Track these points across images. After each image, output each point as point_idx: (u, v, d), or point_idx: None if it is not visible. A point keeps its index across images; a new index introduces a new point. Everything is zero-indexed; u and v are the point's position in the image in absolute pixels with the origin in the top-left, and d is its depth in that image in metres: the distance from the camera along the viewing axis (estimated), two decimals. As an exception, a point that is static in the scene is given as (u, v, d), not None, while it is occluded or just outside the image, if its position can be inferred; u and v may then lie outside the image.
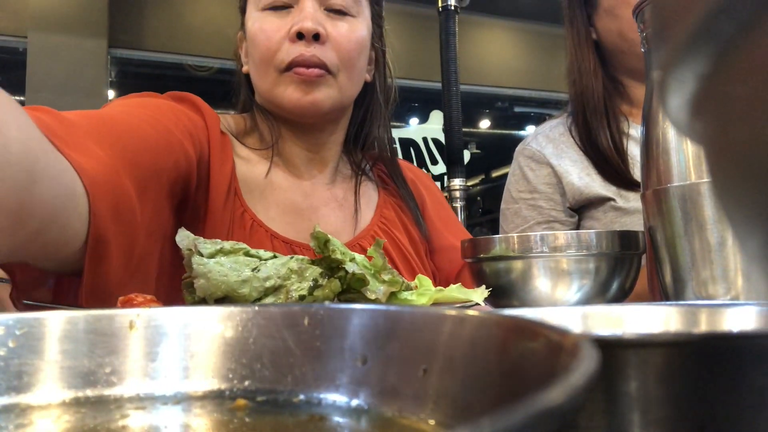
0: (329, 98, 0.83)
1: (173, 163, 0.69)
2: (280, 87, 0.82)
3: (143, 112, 0.70)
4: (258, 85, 0.87)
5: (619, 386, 0.22)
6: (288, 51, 0.80)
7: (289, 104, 0.83)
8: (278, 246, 0.81)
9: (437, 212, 1.00)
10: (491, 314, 0.24)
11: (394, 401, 0.25)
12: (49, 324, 0.28)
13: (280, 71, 0.82)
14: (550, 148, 1.17)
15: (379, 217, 0.92)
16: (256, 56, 0.84)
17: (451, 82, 1.70)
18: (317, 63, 0.80)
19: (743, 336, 0.23)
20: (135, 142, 0.63)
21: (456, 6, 1.70)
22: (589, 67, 1.14)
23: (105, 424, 0.25)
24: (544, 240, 0.60)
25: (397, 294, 0.56)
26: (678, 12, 0.10)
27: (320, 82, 0.82)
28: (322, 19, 0.82)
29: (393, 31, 1.01)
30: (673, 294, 0.58)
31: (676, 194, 0.56)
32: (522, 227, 1.17)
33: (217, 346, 0.29)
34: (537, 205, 1.16)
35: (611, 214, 1.09)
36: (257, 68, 0.85)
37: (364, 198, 0.94)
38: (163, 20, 4.48)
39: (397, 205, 0.96)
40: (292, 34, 0.80)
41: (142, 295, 0.57)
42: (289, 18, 0.82)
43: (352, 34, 0.84)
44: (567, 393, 0.10)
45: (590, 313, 0.38)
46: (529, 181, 1.18)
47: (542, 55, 5.60)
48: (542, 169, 1.17)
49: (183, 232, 0.58)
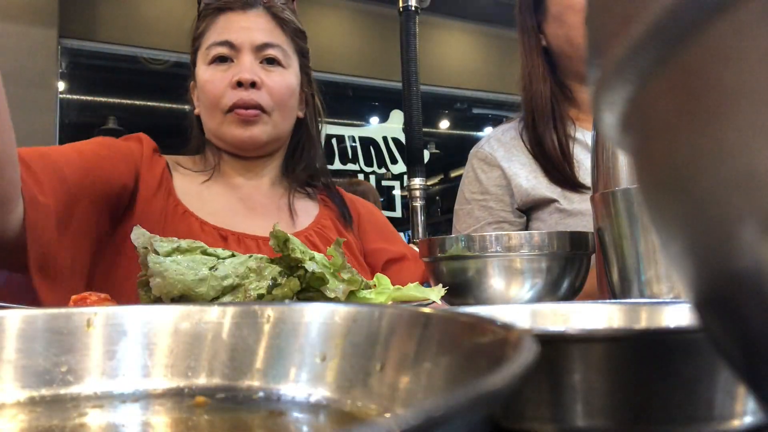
0: (265, 133, 1.00)
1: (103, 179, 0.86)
2: (224, 125, 0.99)
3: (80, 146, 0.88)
4: (207, 124, 1.03)
5: (563, 378, 0.24)
6: (230, 96, 0.97)
7: (232, 139, 0.99)
8: (208, 231, 0.93)
9: (369, 221, 1.15)
10: (445, 312, 0.25)
11: (352, 396, 0.26)
12: (4, 323, 0.28)
13: (224, 113, 0.98)
14: (501, 151, 1.21)
15: (317, 224, 1.05)
16: (205, 101, 1.01)
17: (412, 83, 1.72)
18: (254, 105, 0.98)
19: (674, 332, 0.24)
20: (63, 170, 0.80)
21: (416, 7, 1.71)
22: (538, 72, 1.18)
23: (62, 422, 0.25)
24: (499, 240, 0.62)
25: (356, 293, 0.57)
26: (607, 37, 0.11)
27: (257, 121, 0.99)
28: (257, 70, 0.99)
29: (354, 30, 1.10)
30: (620, 292, 0.60)
31: (622, 197, 0.58)
32: (474, 227, 1.20)
33: (176, 344, 0.30)
34: (488, 206, 1.20)
35: (556, 215, 1.13)
36: (207, 111, 1.02)
37: (302, 209, 1.07)
38: (118, 11, 4.35)
39: (335, 217, 1.10)
40: (233, 83, 0.97)
41: (95, 294, 0.56)
42: (231, 70, 0.99)
43: (283, 81, 1.01)
44: (505, 379, 0.11)
45: (540, 311, 0.39)
46: (481, 183, 1.21)
47: (501, 58, 5.70)
48: (493, 172, 1.20)
49: (138, 230, 0.57)
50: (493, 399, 0.10)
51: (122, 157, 0.93)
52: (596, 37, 0.12)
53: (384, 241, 1.12)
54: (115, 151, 0.92)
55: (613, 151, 0.60)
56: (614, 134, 0.13)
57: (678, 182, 0.11)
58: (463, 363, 0.21)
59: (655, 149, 0.12)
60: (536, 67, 1.18)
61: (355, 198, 1.21)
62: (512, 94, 1.32)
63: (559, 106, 1.17)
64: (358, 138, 5.61)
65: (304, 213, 1.06)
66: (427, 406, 0.09)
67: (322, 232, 1.03)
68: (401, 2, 1.70)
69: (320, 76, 1.25)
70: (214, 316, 0.30)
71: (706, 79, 0.10)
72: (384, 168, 5.68)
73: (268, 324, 0.30)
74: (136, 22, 4.32)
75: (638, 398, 0.24)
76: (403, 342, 0.25)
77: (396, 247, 1.11)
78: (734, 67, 0.09)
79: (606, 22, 0.12)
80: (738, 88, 0.09)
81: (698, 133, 0.10)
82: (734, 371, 0.15)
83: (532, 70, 1.19)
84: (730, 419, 0.24)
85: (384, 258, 1.08)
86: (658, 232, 0.13)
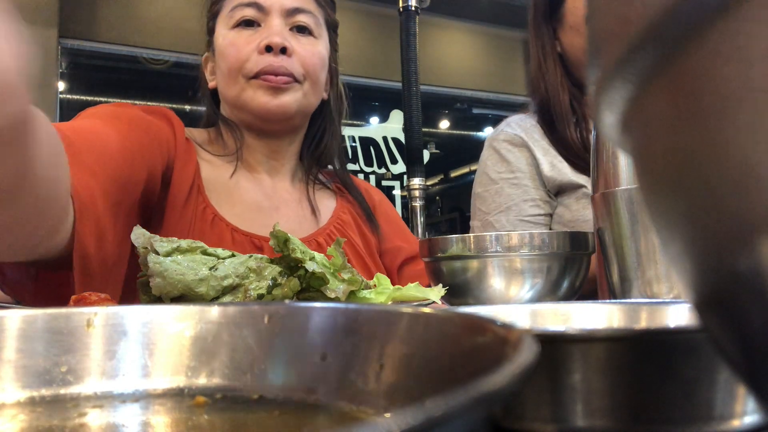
0: (296, 101, 0.90)
1: (144, 175, 0.75)
2: (248, 92, 0.88)
3: (119, 127, 0.75)
4: (226, 93, 0.92)
5: (563, 378, 0.24)
6: (257, 61, 0.87)
7: (257, 107, 0.88)
8: (238, 239, 0.85)
9: (385, 218, 1.08)
10: (445, 312, 0.25)
11: (352, 396, 0.26)
12: (5, 323, 0.28)
13: (248, 78, 0.87)
14: (524, 134, 1.18)
15: (336, 219, 0.98)
16: (224, 67, 0.90)
17: (412, 83, 1.72)
18: (285, 72, 0.87)
19: (674, 332, 0.24)
20: (113, 162, 0.69)
21: (417, 7, 1.71)
22: (556, 80, 1.17)
23: (62, 422, 0.25)
24: (499, 240, 0.62)
25: (356, 293, 0.57)
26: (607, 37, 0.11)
27: (287, 88, 0.88)
28: (288, 36, 0.89)
29: (354, 30, 1.07)
30: (620, 292, 0.60)
31: (623, 197, 0.58)
32: (506, 205, 1.15)
33: (177, 344, 0.30)
34: (521, 184, 1.15)
35: (584, 200, 1.11)
36: (225, 78, 0.90)
37: (321, 203, 1.00)
38: (118, 11, 4.35)
39: (353, 210, 1.03)
40: (261, 48, 0.87)
41: (96, 294, 0.56)
42: (258, 35, 0.89)
43: (315, 49, 0.92)
44: (505, 379, 0.11)
45: (540, 311, 0.39)
46: (509, 162, 1.17)
47: (501, 58, 5.70)
48: (521, 151, 1.17)
49: (138, 230, 0.57)
50: (493, 399, 0.10)
51: (158, 145, 0.81)
52: (596, 37, 0.12)
53: (400, 238, 1.06)
54: (152, 137, 0.80)
55: (614, 151, 0.60)
56: (614, 134, 0.13)
57: (678, 182, 0.12)
58: (464, 363, 0.21)
59: (655, 149, 0.12)
60: (553, 74, 1.17)
61: (368, 187, 1.14)
62: (512, 94, 1.32)
63: (580, 107, 1.16)
64: (358, 138, 5.61)
65: (323, 207, 1.00)
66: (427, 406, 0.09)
67: (341, 228, 0.97)
68: (401, 2, 1.70)
69: (320, 76, 1.23)
70: (214, 316, 0.30)
71: (705, 80, 0.10)
72: (384, 168, 5.67)
73: (268, 324, 0.30)
74: (136, 22, 4.32)
75: (638, 398, 0.24)
76: (403, 342, 0.25)
77: (411, 246, 1.05)
78: (733, 68, 0.09)
79: (606, 22, 0.12)
80: (737, 89, 0.10)
81: (698, 133, 0.10)
82: (734, 371, 0.15)
83: (548, 77, 1.17)
84: (730, 419, 0.24)
85: (401, 257, 1.02)
86: (659, 232, 0.13)
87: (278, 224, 0.57)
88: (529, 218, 1.15)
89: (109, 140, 0.70)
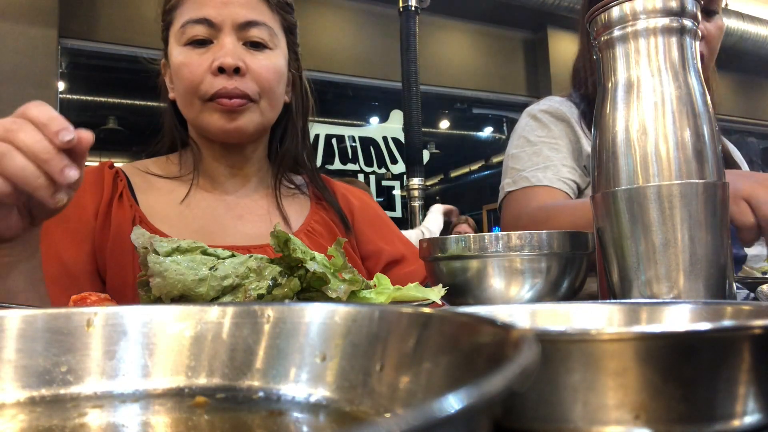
0: (252, 123, 0.89)
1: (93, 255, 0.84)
2: (205, 115, 0.88)
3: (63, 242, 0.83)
4: (185, 112, 0.92)
5: (563, 378, 0.24)
6: (211, 83, 0.85)
7: (215, 130, 0.88)
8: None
9: (367, 220, 1.05)
10: (445, 312, 0.25)
11: (352, 396, 0.26)
12: (4, 323, 0.28)
13: (203, 101, 0.87)
14: (566, 111, 1.16)
15: (306, 227, 0.96)
16: (180, 88, 0.89)
17: (412, 82, 1.72)
18: (239, 94, 0.86)
19: (674, 332, 0.24)
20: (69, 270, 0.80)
21: (416, 7, 1.72)
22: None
23: (62, 422, 0.25)
24: (499, 240, 0.62)
25: (357, 293, 0.57)
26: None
27: (243, 110, 0.87)
28: (241, 54, 0.87)
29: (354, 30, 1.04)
30: (620, 292, 0.60)
31: (623, 197, 0.58)
32: (544, 165, 1.12)
33: (177, 344, 0.30)
34: (560, 150, 1.12)
35: None
36: (182, 98, 0.90)
37: (292, 209, 0.98)
38: (118, 11, 4.34)
39: (328, 218, 1.01)
40: (214, 69, 0.85)
41: (95, 294, 0.56)
42: (210, 53, 0.87)
43: (270, 65, 0.89)
44: (505, 379, 0.11)
45: (540, 311, 0.39)
46: (550, 129, 1.14)
47: (501, 58, 5.70)
48: (562, 124, 1.14)
49: (138, 230, 0.57)
50: (493, 399, 0.10)
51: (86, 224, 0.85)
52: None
53: (383, 240, 1.03)
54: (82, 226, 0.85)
55: (614, 151, 0.60)
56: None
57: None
58: (463, 363, 0.21)
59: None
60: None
61: (347, 189, 1.11)
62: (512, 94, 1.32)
63: None
64: (358, 138, 5.62)
65: (294, 213, 0.98)
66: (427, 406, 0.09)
67: (311, 236, 0.95)
68: (401, 2, 1.70)
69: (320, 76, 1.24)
70: (214, 316, 0.30)
71: None
72: (384, 168, 5.68)
73: (268, 324, 0.30)
74: (136, 22, 4.32)
75: (638, 398, 0.24)
76: (403, 342, 0.25)
77: (393, 247, 1.02)
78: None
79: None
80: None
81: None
82: None
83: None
84: (730, 419, 0.24)
85: (384, 261, 1.00)
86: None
87: (279, 224, 0.57)
88: (567, 180, 1.11)
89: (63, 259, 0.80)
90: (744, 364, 0.24)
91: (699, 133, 0.56)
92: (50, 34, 3.94)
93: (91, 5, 4.32)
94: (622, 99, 0.59)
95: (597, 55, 0.65)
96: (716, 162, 0.56)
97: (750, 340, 0.24)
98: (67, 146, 0.54)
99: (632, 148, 0.58)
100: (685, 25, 0.57)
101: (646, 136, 0.57)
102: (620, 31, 0.59)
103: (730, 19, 5.57)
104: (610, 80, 0.60)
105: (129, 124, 5.79)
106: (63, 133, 0.54)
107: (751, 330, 0.24)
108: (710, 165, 0.56)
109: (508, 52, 5.72)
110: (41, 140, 0.54)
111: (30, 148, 0.53)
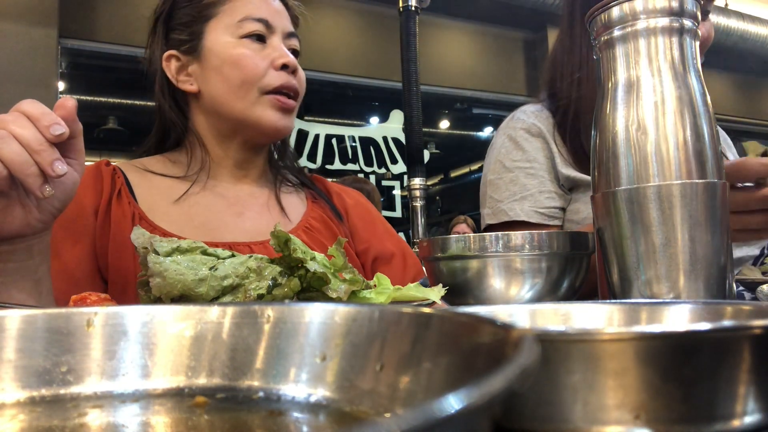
0: (293, 123, 0.96)
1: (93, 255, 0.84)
2: (258, 108, 0.90)
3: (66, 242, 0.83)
4: (229, 104, 0.91)
5: (563, 378, 0.24)
6: (274, 77, 0.90)
7: (266, 123, 0.91)
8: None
9: (360, 219, 1.07)
10: (445, 312, 0.25)
11: (352, 396, 0.26)
12: (4, 323, 0.28)
13: (261, 93, 0.90)
14: (541, 125, 1.16)
15: (305, 223, 0.98)
16: (236, 78, 0.90)
17: (412, 82, 1.72)
18: (296, 93, 0.93)
19: (674, 332, 0.24)
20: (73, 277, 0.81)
21: (416, 7, 1.71)
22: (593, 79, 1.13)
23: (62, 422, 0.25)
24: (499, 240, 0.62)
25: (357, 293, 0.57)
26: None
27: (293, 110, 0.94)
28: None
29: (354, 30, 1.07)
30: (620, 292, 0.60)
31: (623, 197, 0.58)
32: (521, 195, 1.13)
33: (176, 344, 0.30)
34: (537, 174, 1.13)
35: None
36: (235, 89, 0.90)
37: (290, 206, 1.00)
38: (118, 11, 4.34)
39: (325, 214, 1.03)
40: (277, 65, 0.90)
41: (96, 294, 0.56)
42: (265, 51, 0.91)
43: (303, 74, 0.97)
44: (505, 379, 0.11)
45: (540, 311, 0.39)
46: (525, 151, 1.14)
47: (501, 58, 5.70)
48: (538, 141, 1.14)
49: (138, 230, 0.57)
50: (493, 399, 0.10)
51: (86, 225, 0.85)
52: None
53: (372, 237, 1.04)
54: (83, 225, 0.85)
55: (614, 151, 0.60)
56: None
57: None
58: (463, 363, 0.21)
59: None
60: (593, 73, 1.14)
61: (342, 189, 1.13)
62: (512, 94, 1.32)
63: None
64: (358, 138, 5.61)
65: (292, 209, 1.00)
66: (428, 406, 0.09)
67: (309, 232, 0.96)
68: (401, 2, 1.70)
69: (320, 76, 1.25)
70: (214, 316, 0.30)
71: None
72: (384, 168, 5.67)
73: (268, 324, 0.30)
74: (136, 22, 4.32)
75: (638, 398, 0.24)
76: (403, 342, 0.25)
77: (383, 245, 1.03)
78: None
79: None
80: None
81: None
82: None
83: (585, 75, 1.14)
84: (730, 419, 0.24)
85: (371, 257, 1.01)
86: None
87: (279, 224, 0.57)
88: (545, 210, 1.12)
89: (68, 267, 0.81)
90: (744, 364, 0.24)
91: (699, 133, 0.56)
92: (50, 34, 3.94)
93: (91, 5, 4.32)
94: (622, 99, 0.59)
95: (597, 55, 0.65)
96: (716, 162, 0.56)
97: (750, 340, 0.24)
98: (58, 140, 0.58)
99: (632, 148, 0.58)
100: (685, 25, 0.57)
101: (646, 136, 0.57)
102: (620, 31, 0.59)
103: (730, 19, 5.56)
104: (610, 80, 0.60)
105: (129, 124, 5.79)
106: (54, 126, 0.58)
107: (751, 330, 0.24)
108: (710, 165, 0.56)
109: (508, 52, 5.72)
110: (34, 132, 0.58)
111: (24, 138, 0.57)
